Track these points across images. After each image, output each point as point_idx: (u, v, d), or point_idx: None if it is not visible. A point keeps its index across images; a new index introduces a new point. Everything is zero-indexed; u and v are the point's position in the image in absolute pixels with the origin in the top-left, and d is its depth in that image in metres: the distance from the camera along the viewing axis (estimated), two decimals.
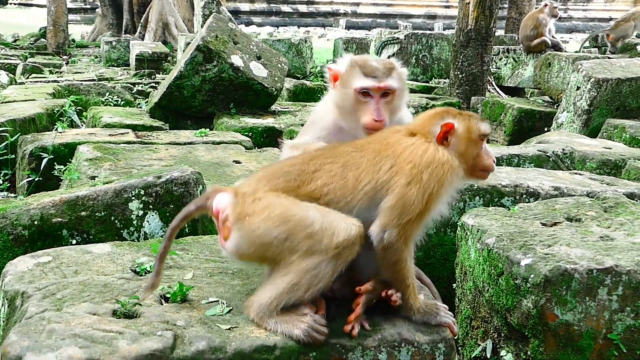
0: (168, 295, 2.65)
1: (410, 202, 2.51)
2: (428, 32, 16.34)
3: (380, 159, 2.60)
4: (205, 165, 5.09)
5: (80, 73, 14.28)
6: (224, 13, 9.71)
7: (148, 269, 2.93)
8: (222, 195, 2.59)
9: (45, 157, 5.33)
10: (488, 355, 3.30)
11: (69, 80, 11.12)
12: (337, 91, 3.06)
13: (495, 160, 2.79)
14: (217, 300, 2.65)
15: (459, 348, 3.56)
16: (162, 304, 2.61)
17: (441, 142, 2.66)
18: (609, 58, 10.11)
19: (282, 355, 2.39)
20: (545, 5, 12.98)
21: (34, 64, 14.66)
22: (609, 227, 3.44)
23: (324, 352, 2.44)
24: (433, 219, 2.68)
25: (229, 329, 2.44)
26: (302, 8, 38.81)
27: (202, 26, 11.44)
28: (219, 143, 5.87)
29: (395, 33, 15.33)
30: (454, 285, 3.74)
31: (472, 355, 3.40)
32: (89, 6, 35.82)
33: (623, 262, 2.95)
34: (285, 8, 38.54)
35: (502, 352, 3.21)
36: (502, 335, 3.23)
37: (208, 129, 6.81)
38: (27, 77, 12.55)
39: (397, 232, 2.52)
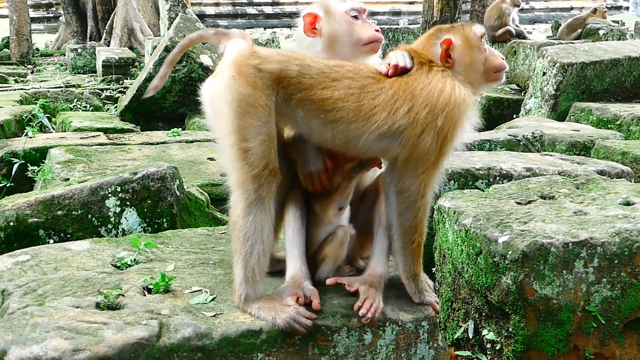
0: (151, 287, 2.64)
1: (425, 152, 2.48)
2: (394, 26, 16.42)
3: (398, 99, 2.50)
4: (179, 163, 5.06)
5: (46, 81, 14.03)
6: (190, 14, 9.66)
7: (129, 262, 2.91)
8: (240, 42, 2.52)
9: (16, 162, 5.26)
10: (470, 336, 3.33)
11: (35, 88, 10.96)
12: (325, 27, 2.89)
13: (505, 58, 2.69)
14: (201, 290, 2.65)
15: (441, 331, 3.59)
16: (145, 295, 2.61)
17: (445, 60, 2.60)
18: (572, 43, 10.26)
19: (269, 338, 2.41)
20: None
21: None
22: (581, 203, 3.50)
23: (309, 334, 2.45)
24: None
25: (214, 315, 2.45)
26: (268, 9, 38.69)
27: (168, 29, 11.37)
28: (192, 141, 5.84)
29: None
30: (433, 269, 3.77)
31: (455, 337, 3.43)
32: (52, 15, 35.21)
33: (597, 235, 3.00)
34: (251, 10, 38.40)
35: (484, 332, 3.24)
36: (483, 314, 3.27)
37: (180, 129, 6.78)
38: None
39: (413, 181, 2.52)
